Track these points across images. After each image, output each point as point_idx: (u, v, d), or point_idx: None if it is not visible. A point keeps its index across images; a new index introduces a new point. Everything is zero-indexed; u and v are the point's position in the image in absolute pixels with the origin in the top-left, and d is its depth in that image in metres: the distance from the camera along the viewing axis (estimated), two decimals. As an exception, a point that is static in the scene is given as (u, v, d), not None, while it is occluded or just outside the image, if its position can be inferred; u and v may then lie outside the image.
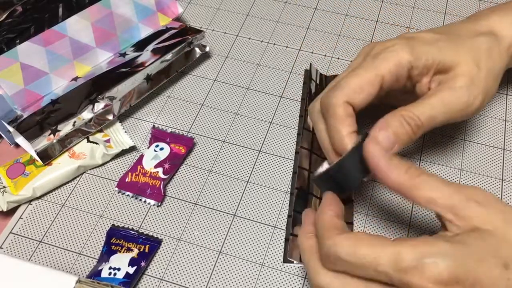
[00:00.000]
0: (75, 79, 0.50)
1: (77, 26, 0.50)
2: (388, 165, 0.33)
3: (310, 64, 0.53)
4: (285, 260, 0.42)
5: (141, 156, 0.48)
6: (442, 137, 0.50)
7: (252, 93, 0.53)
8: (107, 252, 0.42)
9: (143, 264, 0.41)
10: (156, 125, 0.51)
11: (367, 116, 0.41)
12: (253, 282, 0.41)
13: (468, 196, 0.31)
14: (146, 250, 0.42)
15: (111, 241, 0.43)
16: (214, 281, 0.41)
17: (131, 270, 0.41)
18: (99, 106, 0.48)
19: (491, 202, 0.31)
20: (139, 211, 0.45)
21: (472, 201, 0.31)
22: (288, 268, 0.42)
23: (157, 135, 0.49)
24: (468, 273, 0.28)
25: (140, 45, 0.53)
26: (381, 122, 0.37)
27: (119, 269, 0.40)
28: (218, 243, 0.43)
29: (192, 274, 0.42)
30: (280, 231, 0.44)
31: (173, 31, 0.54)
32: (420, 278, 0.28)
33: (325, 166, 0.42)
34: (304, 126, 0.48)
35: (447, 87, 0.39)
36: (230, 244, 0.43)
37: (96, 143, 0.48)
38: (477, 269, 0.29)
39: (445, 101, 0.38)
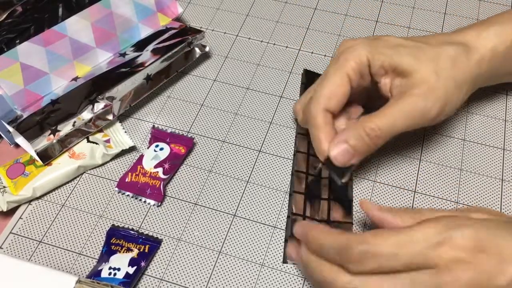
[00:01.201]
0: (75, 79, 0.50)
1: (77, 26, 0.50)
2: (392, 216, 0.36)
3: (304, 69, 0.53)
4: (285, 260, 0.42)
5: (141, 156, 0.48)
6: (442, 137, 0.50)
7: (252, 93, 0.53)
8: (107, 252, 0.42)
9: (143, 264, 0.41)
10: (156, 125, 0.51)
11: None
12: (253, 282, 0.41)
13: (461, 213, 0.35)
14: (146, 250, 0.42)
15: (111, 241, 0.43)
16: (214, 281, 0.41)
17: (131, 270, 0.41)
18: (99, 106, 0.48)
19: (480, 209, 0.36)
20: (139, 211, 0.45)
21: (467, 215, 0.35)
22: (288, 268, 0.42)
23: (157, 135, 0.49)
24: (491, 242, 0.31)
25: (140, 45, 0.53)
26: (340, 135, 0.40)
27: (119, 269, 0.40)
28: (218, 243, 0.43)
29: (192, 274, 0.42)
30: (280, 231, 0.44)
31: (173, 31, 0.54)
32: (450, 248, 0.31)
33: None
34: (300, 131, 0.48)
35: (405, 95, 0.40)
36: (230, 244, 0.43)
37: (96, 143, 0.48)
38: (497, 239, 0.31)
39: (404, 109, 0.39)
